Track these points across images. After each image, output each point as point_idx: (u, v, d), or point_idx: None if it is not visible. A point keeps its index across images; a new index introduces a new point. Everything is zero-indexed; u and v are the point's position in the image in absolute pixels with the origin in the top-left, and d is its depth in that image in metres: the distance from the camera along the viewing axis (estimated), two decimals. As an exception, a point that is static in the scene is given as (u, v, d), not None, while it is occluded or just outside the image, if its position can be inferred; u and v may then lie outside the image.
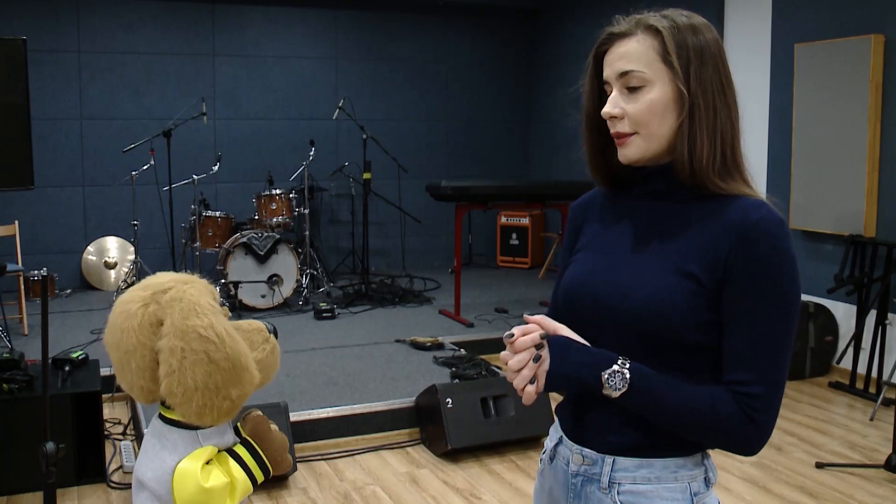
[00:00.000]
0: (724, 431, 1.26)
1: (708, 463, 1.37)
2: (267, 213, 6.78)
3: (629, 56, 1.31)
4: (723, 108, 1.31)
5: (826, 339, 5.35)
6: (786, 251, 1.26)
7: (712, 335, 1.28)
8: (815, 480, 3.80)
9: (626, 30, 1.32)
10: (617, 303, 1.33)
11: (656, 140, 1.32)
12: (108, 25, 7.26)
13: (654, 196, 1.38)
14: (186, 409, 1.55)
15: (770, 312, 1.25)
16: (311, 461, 4.01)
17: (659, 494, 1.32)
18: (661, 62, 1.29)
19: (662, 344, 1.29)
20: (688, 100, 1.29)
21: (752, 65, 6.00)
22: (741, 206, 1.29)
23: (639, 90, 1.30)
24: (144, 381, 1.57)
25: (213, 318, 1.56)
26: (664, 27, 1.30)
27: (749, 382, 1.24)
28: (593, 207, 1.49)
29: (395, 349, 5.44)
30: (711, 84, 1.30)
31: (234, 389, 1.56)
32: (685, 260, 1.30)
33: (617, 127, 1.33)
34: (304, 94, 7.97)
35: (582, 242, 1.47)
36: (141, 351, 1.56)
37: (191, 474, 1.55)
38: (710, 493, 1.36)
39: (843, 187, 5.24)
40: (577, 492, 1.38)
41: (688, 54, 1.29)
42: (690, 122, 1.29)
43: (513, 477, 3.87)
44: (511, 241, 8.50)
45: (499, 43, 8.75)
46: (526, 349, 1.29)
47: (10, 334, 5.40)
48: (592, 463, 1.36)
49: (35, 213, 7.06)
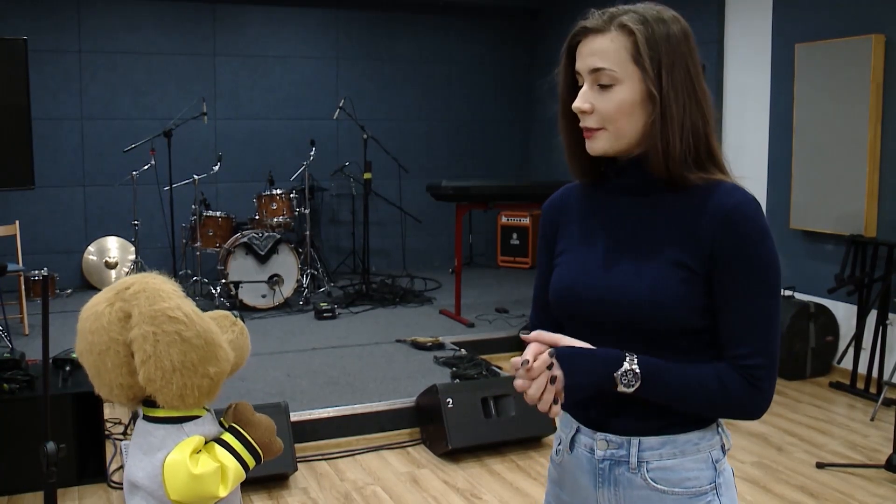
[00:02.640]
0: (733, 402, 1.34)
1: (722, 431, 1.44)
2: (267, 213, 6.78)
3: (601, 53, 1.32)
4: (693, 104, 1.33)
5: (827, 339, 5.35)
6: (764, 230, 1.32)
7: (707, 318, 1.35)
8: (815, 480, 3.80)
9: (600, 25, 1.33)
10: (616, 298, 1.36)
11: (625, 137, 1.35)
12: (109, 25, 7.26)
13: (630, 190, 1.41)
14: (168, 392, 1.56)
15: (759, 289, 1.32)
16: (312, 461, 4.01)
17: (685, 466, 1.38)
18: (632, 63, 1.31)
19: (662, 332, 1.35)
20: (659, 102, 1.30)
21: (752, 65, 6.00)
22: (716, 192, 1.34)
23: (609, 88, 1.33)
24: (122, 378, 1.58)
25: (178, 300, 1.60)
26: (637, 28, 1.31)
27: (749, 355, 1.32)
28: (569, 206, 1.51)
29: (396, 349, 5.44)
30: (682, 83, 1.32)
31: (211, 367, 1.59)
32: (672, 250, 1.34)
33: (586, 121, 1.36)
34: (305, 93, 7.98)
35: (564, 243, 1.49)
36: (114, 348, 1.57)
37: (180, 464, 1.56)
38: (726, 459, 1.44)
39: (844, 187, 5.24)
40: (605, 476, 1.42)
41: (659, 56, 1.31)
42: (662, 122, 1.31)
43: (513, 477, 3.87)
44: (512, 241, 8.50)
45: (499, 43, 8.75)
46: (541, 374, 1.31)
47: (10, 334, 5.41)
48: (618, 446, 1.40)
49: (36, 213, 7.07)
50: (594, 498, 1.44)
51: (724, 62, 6.22)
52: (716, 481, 1.39)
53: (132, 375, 1.58)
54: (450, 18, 8.50)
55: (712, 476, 1.39)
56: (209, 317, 1.69)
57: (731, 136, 6.22)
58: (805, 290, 5.52)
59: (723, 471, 1.41)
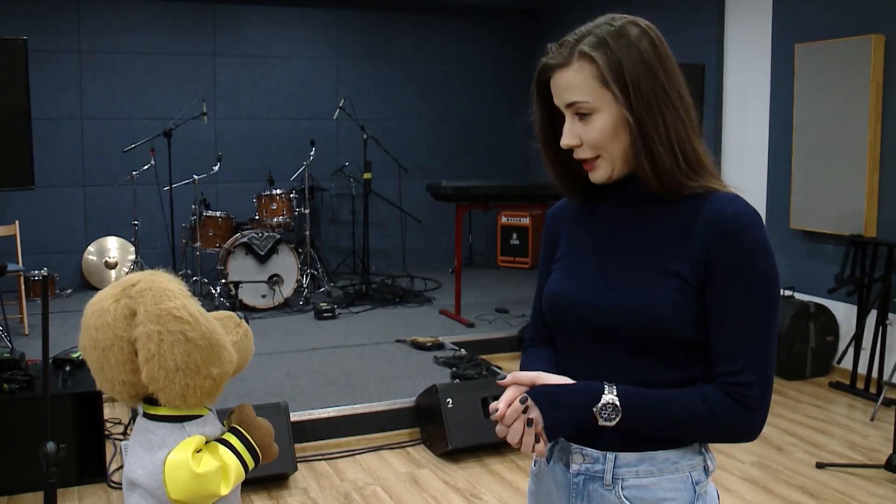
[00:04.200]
0: (721, 425, 1.29)
1: (706, 452, 1.39)
2: (267, 213, 6.78)
3: (570, 87, 1.33)
4: (670, 113, 1.31)
5: (827, 339, 5.35)
6: (763, 242, 1.29)
7: (703, 329, 1.31)
8: (815, 480, 3.80)
9: (562, 60, 1.34)
10: (606, 306, 1.35)
11: (619, 158, 1.35)
12: (109, 25, 7.26)
13: (626, 202, 1.40)
14: (170, 392, 1.56)
15: (754, 303, 1.28)
16: (312, 461, 4.01)
17: (662, 486, 1.34)
18: (602, 88, 1.31)
19: (656, 343, 1.32)
20: (634, 121, 1.30)
21: (752, 64, 6.00)
22: (714, 201, 1.32)
23: (588, 116, 1.33)
24: (125, 375, 1.59)
25: (184, 300, 1.60)
26: (595, 54, 1.30)
27: (738, 372, 1.28)
28: (569, 216, 1.52)
29: (396, 349, 5.44)
30: (654, 96, 1.30)
31: (215, 368, 1.59)
32: (668, 260, 1.33)
33: (579, 154, 1.37)
34: (305, 94, 7.97)
35: (561, 251, 1.49)
36: (118, 344, 1.57)
37: (182, 463, 1.56)
38: (710, 481, 1.39)
39: (844, 187, 5.24)
40: (579, 491, 1.39)
41: (624, 76, 1.29)
42: (644, 139, 1.30)
43: (513, 477, 3.86)
44: (511, 241, 8.50)
45: (499, 43, 8.75)
46: (516, 419, 1.31)
47: (10, 334, 5.41)
48: (594, 461, 1.37)
49: (36, 213, 7.06)
50: None
51: (724, 62, 6.22)
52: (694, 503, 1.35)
53: (135, 373, 1.58)
54: (450, 18, 8.50)
55: (690, 498, 1.34)
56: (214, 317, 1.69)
57: (731, 136, 6.23)
58: (805, 290, 5.52)
59: (703, 493, 1.36)
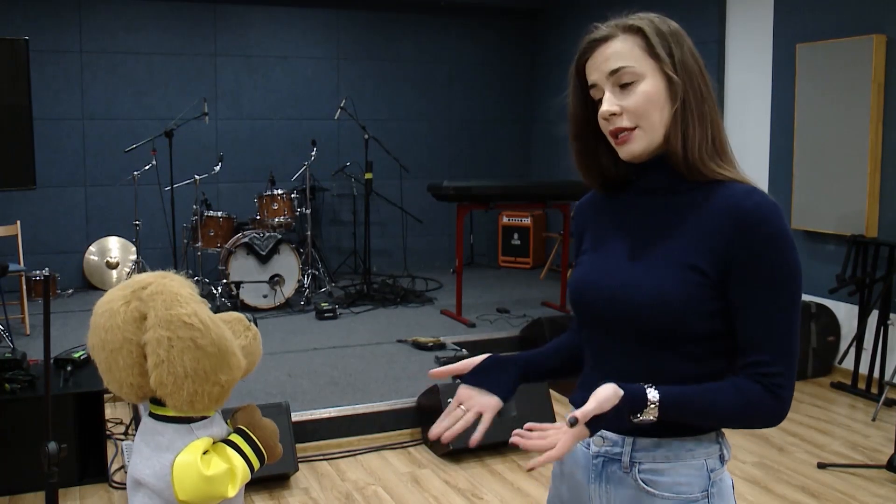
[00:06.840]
0: (754, 413, 1.32)
1: (722, 441, 1.42)
2: (269, 213, 6.78)
3: (616, 55, 1.36)
4: (707, 92, 1.37)
5: (828, 339, 5.35)
6: (784, 233, 1.30)
7: (720, 323, 1.33)
8: (816, 481, 3.80)
9: (608, 33, 1.38)
10: (624, 298, 1.37)
11: (657, 131, 1.36)
12: (110, 25, 7.26)
13: (650, 192, 1.42)
14: (177, 398, 1.56)
15: (778, 294, 1.30)
16: (313, 461, 4.01)
17: (677, 472, 1.37)
18: (647, 56, 1.35)
19: (673, 336, 1.34)
20: (680, 86, 1.34)
21: (753, 65, 6.00)
22: (734, 193, 1.34)
23: (632, 85, 1.35)
24: (133, 378, 1.58)
25: (195, 306, 1.59)
26: (644, 24, 1.36)
27: (769, 363, 1.30)
28: (593, 209, 1.54)
29: (397, 349, 5.44)
30: (693, 70, 1.36)
31: (223, 375, 1.59)
32: (687, 252, 1.34)
33: (617, 123, 1.36)
34: (306, 94, 7.98)
35: (586, 244, 1.52)
36: (127, 347, 1.56)
37: (191, 465, 1.56)
38: (724, 470, 1.42)
39: (845, 187, 5.23)
40: (598, 472, 1.43)
41: (669, 44, 1.35)
42: (683, 109, 1.35)
43: (514, 477, 3.86)
44: (513, 241, 8.50)
45: (500, 43, 8.75)
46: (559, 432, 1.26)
47: (12, 334, 5.41)
48: (613, 444, 1.41)
49: (37, 213, 7.07)
50: (587, 493, 1.45)
51: (725, 62, 6.22)
52: (709, 490, 1.37)
53: (143, 376, 1.57)
54: (451, 18, 8.50)
55: (705, 485, 1.37)
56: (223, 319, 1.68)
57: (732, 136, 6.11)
58: (806, 291, 5.52)
59: (718, 480, 1.39)
